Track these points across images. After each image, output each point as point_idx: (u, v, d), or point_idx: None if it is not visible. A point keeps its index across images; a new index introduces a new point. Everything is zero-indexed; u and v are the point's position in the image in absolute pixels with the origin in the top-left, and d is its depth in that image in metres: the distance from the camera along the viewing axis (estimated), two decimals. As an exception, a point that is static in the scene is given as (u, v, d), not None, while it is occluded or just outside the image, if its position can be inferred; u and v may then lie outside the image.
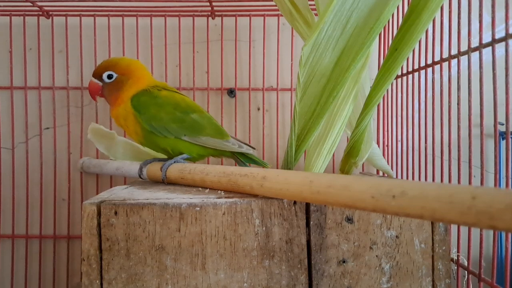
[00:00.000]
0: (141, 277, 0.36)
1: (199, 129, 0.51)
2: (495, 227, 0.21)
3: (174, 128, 0.50)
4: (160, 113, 0.50)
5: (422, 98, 0.56)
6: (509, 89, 0.37)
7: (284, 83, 0.71)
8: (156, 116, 0.50)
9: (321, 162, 0.46)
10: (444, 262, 0.39)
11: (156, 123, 0.50)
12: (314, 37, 0.40)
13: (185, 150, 0.52)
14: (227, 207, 0.37)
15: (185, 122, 0.51)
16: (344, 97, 0.46)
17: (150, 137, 0.51)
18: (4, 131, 0.70)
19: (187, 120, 0.51)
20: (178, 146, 0.51)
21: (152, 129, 0.50)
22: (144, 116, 0.50)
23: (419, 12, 0.38)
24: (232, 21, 0.70)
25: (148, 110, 0.50)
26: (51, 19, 0.69)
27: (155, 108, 0.50)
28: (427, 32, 0.52)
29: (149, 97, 0.51)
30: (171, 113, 0.51)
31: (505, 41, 0.37)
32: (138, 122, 0.51)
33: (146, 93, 0.51)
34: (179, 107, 0.51)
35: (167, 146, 0.51)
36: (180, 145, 0.51)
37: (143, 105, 0.51)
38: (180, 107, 0.51)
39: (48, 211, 0.70)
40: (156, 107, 0.50)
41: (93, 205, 0.37)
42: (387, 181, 0.28)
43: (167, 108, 0.51)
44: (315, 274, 0.38)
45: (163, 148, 0.52)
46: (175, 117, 0.51)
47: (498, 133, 0.40)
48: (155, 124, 0.50)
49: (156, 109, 0.50)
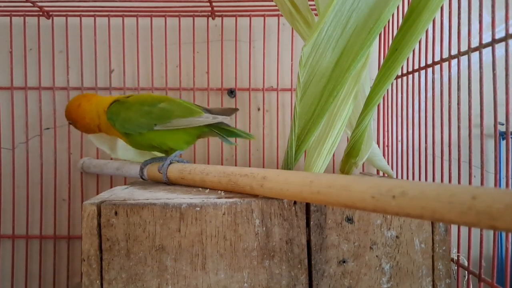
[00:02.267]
0: (141, 277, 0.36)
1: (168, 115, 0.52)
2: (495, 227, 0.21)
3: (143, 122, 0.52)
4: (129, 113, 0.53)
5: (422, 98, 0.56)
6: (509, 89, 0.37)
7: (284, 83, 0.71)
8: (126, 118, 0.52)
9: (321, 162, 0.46)
10: (444, 262, 0.39)
11: (128, 124, 0.52)
12: (314, 37, 0.40)
13: (166, 141, 0.53)
14: (227, 207, 0.37)
15: (153, 113, 0.52)
16: (344, 97, 0.46)
17: (131, 138, 0.54)
18: (4, 131, 0.70)
19: (154, 111, 0.52)
20: (156, 138, 0.53)
21: (127, 130, 0.53)
22: (118, 123, 0.53)
23: (419, 12, 0.38)
24: (232, 21, 0.70)
25: (119, 116, 0.53)
26: (51, 19, 0.69)
27: (125, 111, 0.53)
28: (427, 32, 0.52)
29: (118, 105, 0.54)
30: (139, 109, 0.52)
31: (505, 41, 0.37)
32: (117, 129, 0.53)
33: (115, 104, 0.54)
34: (145, 102, 0.53)
35: (149, 141, 0.53)
36: (157, 137, 0.53)
37: (115, 113, 0.53)
38: (146, 102, 0.53)
39: (49, 211, 0.70)
40: (125, 110, 0.53)
41: (93, 205, 0.37)
42: (387, 181, 0.28)
43: (135, 107, 0.53)
44: (315, 274, 0.38)
45: (148, 145, 0.54)
46: (143, 111, 0.52)
47: (498, 133, 0.40)
48: (127, 125, 0.53)
49: (125, 112, 0.53)
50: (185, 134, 0.54)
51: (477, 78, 0.41)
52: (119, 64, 0.71)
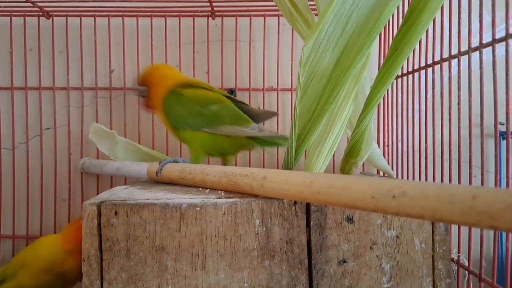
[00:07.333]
0: (142, 277, 0.36)
1: (217, 120, 0.53)
2: (496, 227, 0.21)
3: (193, 122, 0.53)
4: (181, 110, 0.54)
5: (423, 98, 0.56)
6: (509, 89, 0.37)
7: (284, 83, 0.71)
8: (177, 115, 0.54)
9: (322, 162, 0.46)
10: (445, 262, 0.39)
11: (178, 121, 0.54)
12: (314, 37, 0.40)
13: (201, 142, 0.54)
14: (228, 207, 0.37)
15: (203, 115, 0.53)
16: (344, 97, 0.46)
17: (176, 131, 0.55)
18: (5, 131, 0.70)
19: (205, 113, 0.53)
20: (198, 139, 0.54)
21: (176, 125, 0.54)
22: (169, 117, 0.55)
23: (419, 12, 0.38)
24: (232, 21, 0.70)
25: (171, 109, 0.54)
26: (52, 19, 0.69)
27: (177, 107, 0.54)
28: (427, 32, 0.52)
29: (173, 97, 0.54)
30: (191, 109, 0.53)
31: (505, 41, 0.37)
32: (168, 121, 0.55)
33: (171, 95, 0.55)
34: (198, 101, 0.53)
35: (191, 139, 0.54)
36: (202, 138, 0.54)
37: (168, 105, 0.55)
38: (199, 101, 0.53)
39: (49, 211, 0.70)
40: (178, 106, 0.54)
41: (93, 205, 0.37)
42: (388, 181, 0.28)
43: (188, 104, 0.53)
44: (316, 274, 0.38)
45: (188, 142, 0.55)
46: (194, 112, 0.53)
47: (498, 133, 0.40)
48: (178, 121, 0.54)
49: (178, 107, 0.54)
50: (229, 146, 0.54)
51: (477, 78, 0.41)
52: (119, 64, 0.71)
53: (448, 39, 0.47)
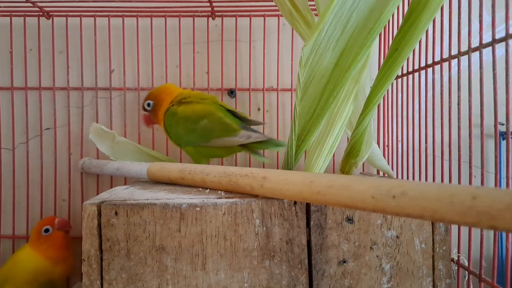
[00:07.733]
0: (142, 277, 0.36)
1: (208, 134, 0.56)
2: (496, 227, 0.21)
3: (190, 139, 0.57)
4: (178, 129, 0.57)
5: (422, 98, 0.56)
6: (509, 89, 0.37)
7: (284, 83, 0.71)
8: (177, 134, 0.58)
9: (322, 162, 0.46)
10: (445, 262, 0.39)
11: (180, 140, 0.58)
12: (314, 37, 0.40)
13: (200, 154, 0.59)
14: (228, 207, 0.37)
15: (196, 131, 0.56)
16: (344, 97, 0.46)
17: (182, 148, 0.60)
18: (5, 131, 0.70)
19: (197, 129, 0.56)
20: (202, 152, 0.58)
21: (180, 143, 0.59)
22: (171, 135, 0.59)
23: (419, 12, 0.38)
24: (232, 21, 0.70)
25: (171, 128, 0.58)
26: (52, 19, 0.69)
27: (174, 126, 0.57)
28: (427, 32, 0.52)
29: (170, 116, 0.58)
30: (185, 126, 0.57)
31: (505, 41, 0.37)
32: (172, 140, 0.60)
33: (168, 114, 0.59)
34: (190, 118, 0.56)
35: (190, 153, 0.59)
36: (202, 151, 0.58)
37: (168, 125, 0.58)
38: (191, 118, 0.56)
39: (49, 211, 0.70)
40: (175, 125, 0.57)
41: (93, 205, 0.37)
42: (387, 181, 0.28)
43: (181, 123, 0.57)
44: (316, 274, 0.38)
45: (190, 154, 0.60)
46: (188, 129, 0.57)
47: (498, 133, 0.40)
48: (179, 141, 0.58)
49: (175, 127, 0.57)
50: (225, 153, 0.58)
51: (477, 78, 0.41)
52: (119, 64, 0.71)
53: (448, 39, 0.47)
